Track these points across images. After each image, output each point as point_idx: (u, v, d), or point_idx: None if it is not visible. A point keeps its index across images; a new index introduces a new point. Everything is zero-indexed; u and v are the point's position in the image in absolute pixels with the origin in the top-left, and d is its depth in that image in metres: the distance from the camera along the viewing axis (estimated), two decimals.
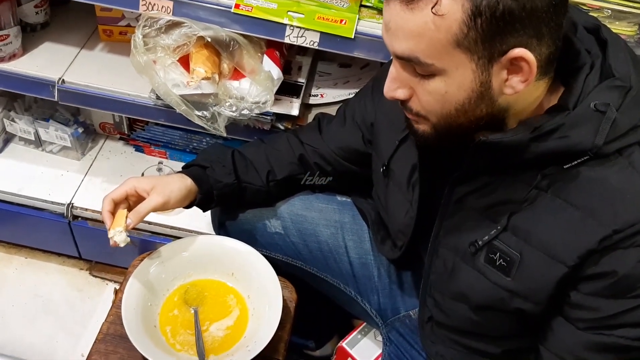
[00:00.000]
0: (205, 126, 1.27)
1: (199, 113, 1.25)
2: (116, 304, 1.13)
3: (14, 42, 1.38)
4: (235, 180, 1.15)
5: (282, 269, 1.18)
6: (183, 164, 1.63)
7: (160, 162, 1.63)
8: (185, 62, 1.25)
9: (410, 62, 0.76)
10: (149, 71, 1.21)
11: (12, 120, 1.61)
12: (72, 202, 1.56)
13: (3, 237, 1.75)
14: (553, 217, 0.80)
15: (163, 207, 1.07)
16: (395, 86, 0.81)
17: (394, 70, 0.80)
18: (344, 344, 1.33)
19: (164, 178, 1.10)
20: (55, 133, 1.60)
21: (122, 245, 1.02)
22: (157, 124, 1.60)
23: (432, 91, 0.77)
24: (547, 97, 0.81)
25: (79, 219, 1.58)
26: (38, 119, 1.60)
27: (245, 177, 1.17)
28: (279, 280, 1.11)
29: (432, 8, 0.69)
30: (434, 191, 0.95)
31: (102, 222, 1.53)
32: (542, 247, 0.81)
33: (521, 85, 0.75)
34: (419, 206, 0.99)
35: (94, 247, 1.66)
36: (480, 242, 0.87)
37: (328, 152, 1.17)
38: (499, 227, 0.85)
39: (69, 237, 1.62)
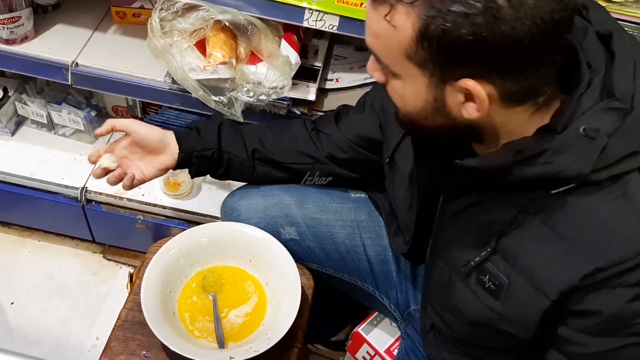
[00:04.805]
0: (221, 111, 1.25)
1: (216, 98, 1.23)
2: (134, 291, 1.13)
3: (26, 24, 1.36)
4: (216, 146, 1.13)
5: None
6: None
7: None
8: (201, 46, 1.23)
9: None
10: (165, 56, 1.20)
11: (24, 103, 1.59)
12: (85, 185, 1.55)
13: (16, 221, 1.75)
14: (539, 246, 0.76)
15: (139, 135, 1.10)
16: (373, 67, 0.79)
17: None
18: (359, 329, 1.33)
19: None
20: (67, 116, 1.58)
21: (112, 166, 1.09)
22: (171, 108, 1.58)
23: (394, 88, 0.77)
24: (540, 116, 0.75)
25: (93, 202, 1.57)
26: (50, 102, 1.59)
27: (228, 147, 1.14)
28: (297, 267, 1.11)
29: (385, 16, 0.68)
30: (437, 187, 0.92)
31: (115, 206, 1.56)
32: (527, 276, 0.77)
33: (476, 113, 0.71)
34: (422, 201, 0.97)
35: (107, 230, 1.66)
36: (472, 263, 0.84)
37: (343, 140, 1.15)
38: (488, 249, 0.81)
39: (82, 220, 1.62)
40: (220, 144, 1.14)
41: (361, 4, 1.12)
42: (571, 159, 0.70)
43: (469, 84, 0.68)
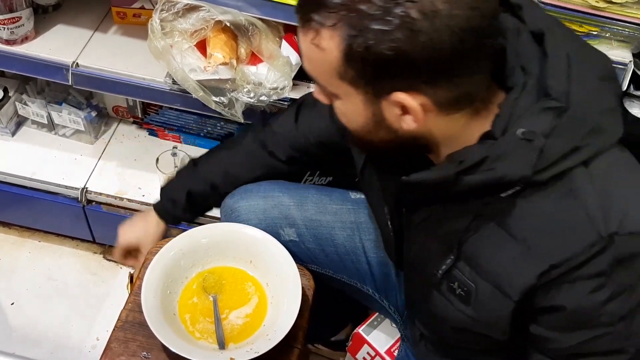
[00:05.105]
0: (222, 112, 1.25)
1: (216, 99, 1.23)
2: (134, 291, 1.12)
3: (27, 25, 1.36)
4: (192, 215, 1.23)
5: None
6: (197, 148, 1.65)
7: (174, 147, 1.61)
8: (202, 46, 1.23)
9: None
10: (166, 56, 1.20)
11: (25, 103, 1.59)
12: (86, 186, 1.55)
13: (16, 221, 1.75)
14: (496, 249, 0.77)
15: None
16: (317, 91, 0.80)
17: None
18: (360, 330, 1.33)
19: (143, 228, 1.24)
20: (68, 117, 1.58)
21: None
22: (171, 108, 1.59)
23: (337, 108, 0.78)
24: (481, 121, 0.75)
25: (93, 203, 1.57)
26: (51, 102, 1.59)
27: (205, 206, 1.23)
28: (297, 268, 1.11)
29: (312, 40, 0.69)
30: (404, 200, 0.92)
31: (115, 206, 1.56)
32: (490, 279, 0.78)
33: (414, 124, 0.72)
34: (394, 217, 0.97)
35: (107, 231, 1.65)
36: (440, 272, 0.84)
37: (301, 141, 1.15)
38: (452, 257, 0.82)
39: (82, 221, 1.62)
40: (197, 210, 1.23)
41: None
42: (512, 163, 0.71)
43: (400, 97, 0.69)
